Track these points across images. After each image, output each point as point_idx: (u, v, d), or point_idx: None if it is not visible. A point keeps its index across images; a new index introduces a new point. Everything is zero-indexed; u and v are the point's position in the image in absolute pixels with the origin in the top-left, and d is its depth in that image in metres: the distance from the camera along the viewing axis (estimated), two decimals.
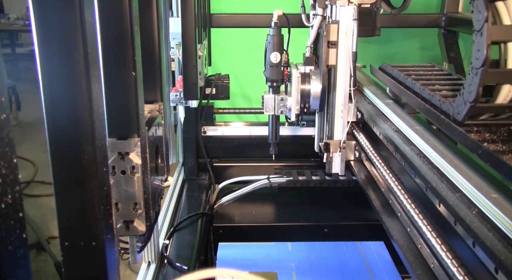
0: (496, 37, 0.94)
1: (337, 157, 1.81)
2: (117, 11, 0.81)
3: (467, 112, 1.01)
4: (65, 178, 0.65)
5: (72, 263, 0.68)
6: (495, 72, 0.96)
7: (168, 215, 1.83)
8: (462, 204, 0.93)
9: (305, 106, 1.77)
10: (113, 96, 0.83)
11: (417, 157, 1.17)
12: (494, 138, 1.02)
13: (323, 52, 1.67)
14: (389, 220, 1.36)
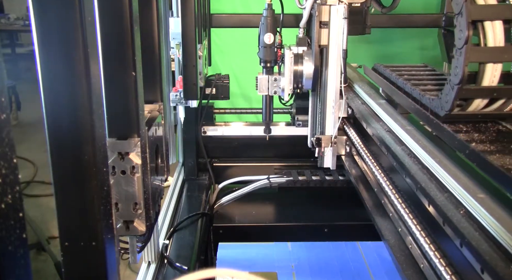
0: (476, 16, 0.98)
1: (328, 152, 1.83)
2: (117, 11, 0.81)
3: (455, 96, 1.02)
4: (65, 178, 0.65)
5: (72, 263, 0.68)
6: (477, 50, 0.99)
7: (168, 215, 1.83)
8: (450, 204, 0.93)
9: (298, 86, 1.80)
10: (113, 96, 0.83)
11: (407, 157, 1.17)
12: (483, 138, 1.02)
13: (315, 32, 1.70)
14: (381, 220, 1.37)
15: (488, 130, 1.07)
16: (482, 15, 0.99)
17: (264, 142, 2.09)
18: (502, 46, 1.00)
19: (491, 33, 1.00)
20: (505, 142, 0.99)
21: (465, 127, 1.08)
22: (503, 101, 1.06)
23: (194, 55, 1.90)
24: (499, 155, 0.91)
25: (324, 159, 1.86)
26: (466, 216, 0.88)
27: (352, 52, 3.15)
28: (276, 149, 2.19)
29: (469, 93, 1.04)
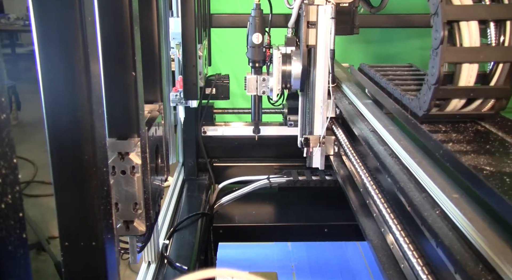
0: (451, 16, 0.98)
1: (317, 152, 1.83)
2: (117, 11, 0.81)
3: (432, 96, 1.03)
4: (65, 178, 0.65)
5: (72, 263, 0.68)
6: (453, 50, 1.00)
7: (168, 215, 1.83)
8: (427, 204, 0.94)
9: (286, 86, 1.80)
10: (113, 96, 0.83)
11: (389, 157, 1.17)
12: (460, 138, 1.03)
13: (303, 32, 1.70)
14: (365, 220, 1.37)
15: (466, 130, 1.07)
16: (458, 15, 1.00)
17: (265, 142, 2.09)
18: (478, 46, 1.01)
19: (466, 34, 1.00)
20: (482, 142, 0.99)
21: (444, 127, 1.09)
22: (480, 101, 1.07)
23: (194, 55, 1.90)
24: (474, 155, 0.91)
25: (313, 159, 1.87)
26: (441, 216, 0.88)
27: (352, 52, 3.17)
28: (278, 149, 2.19)
29: (445, 93, 1.04)
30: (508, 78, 1.03)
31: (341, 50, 3.17)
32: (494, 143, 0.98)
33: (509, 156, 0.90)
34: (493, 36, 1.01)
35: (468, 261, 0.75)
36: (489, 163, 0.87)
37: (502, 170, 0.84)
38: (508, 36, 1.00)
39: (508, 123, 1.08)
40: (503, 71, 1.03)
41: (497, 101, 1.06)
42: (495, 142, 0.99)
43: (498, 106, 1.07)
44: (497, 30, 1.01)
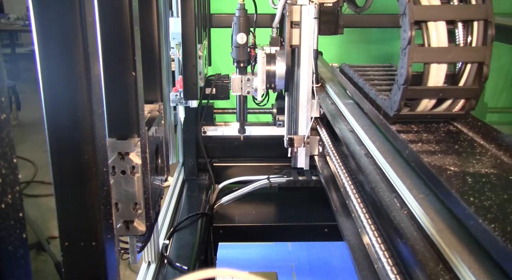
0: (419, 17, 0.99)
1: (301, 152, 1.83)
2: (117, 11, 0.81)
3: (401, 97, 1.03)
4: (65, 178, 0.65)
5: (72, 263, 0.68)
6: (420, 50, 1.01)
7: (168, 215, 1.83)
8: (396, 204, 0.94)
9: (271, 86, 1.80)
10: (113, 96, 0.83)
11: (364, 157, 1.17)
12: (431, 138, 1.03)
13: (287, 32, 1.70)
14: (344, 221, 1.37)
15: (438, 130, 1.07)
16: (425, 15, 1.00)
17: (265, 142, 2.09)
18: (446, 47, 1.01)
19: (434, 34, 1.01)
20: (451, 142, 1.00)
21: (417, 127, 1.09)
22: (451, 102, 1.07)
23: (194, 55, 1.90)
24: (441, 156, 0.92)
25: (298, 159, 1.87)
26: (408, 216, 0.89)
27: (352, 52, 3.17)
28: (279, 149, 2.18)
29: (414, 93, 1.04)
30: (477, 79, 1.03)
31: (341, 50, 3.17)
32: (463, 144, 0.99)
33: (476, 157, 0.91)
34: (461, 37, 1.02)
35: (429, 261, 0.76)
36: (454, 163, 0.87)
37: (466, 171, 0.84)
38: (476, 36, 1.01)
39: (478, 123, 1.08)
40: (471, 72, 1.03)
41: (467, 101, 1.07)
42: (464, 142, 1.00)
43: (468, 106, 1.07)
44: (465, 30, 1.02)
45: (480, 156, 0.91)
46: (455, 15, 1.01)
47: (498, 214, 0.68)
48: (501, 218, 0.67)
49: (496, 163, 0.88)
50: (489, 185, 0.78)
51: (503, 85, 2.96)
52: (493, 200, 0.73)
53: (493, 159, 0.90)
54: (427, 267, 0.74)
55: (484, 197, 0.74)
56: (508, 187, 0.78)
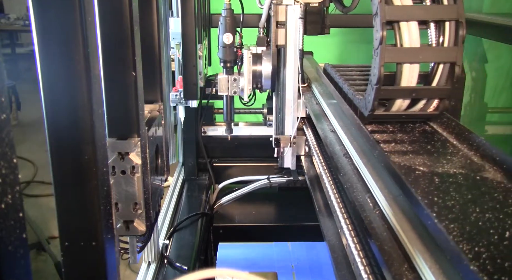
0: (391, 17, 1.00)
1: (288, 152, 1.83)
2: (117, 11, 0.81)
3: (375, 97, 1.03)
4: (65, 178, 0.65)
5: (72, 263, 0.68)
6: (392, 50, 1.01)
7: (168, 215, 1.83)
8: (369, 204, 0.94)
9: (257, 86, 1.80)
10: (113, 96, 0.83)
11: (343, 157, 1.17)
12: (405, 138, 1.03)
13: (272, 32, 1.69)
14: (326, 221, 1.37)
15: (413, 130, 1.07)
16: (397, 16, 1.00)
17: (265, 142, 2.08)
18: (418, 47, 1.01)
19: (406, 34, 1.01)
20: (424, 142, 1.00)
21: (392, 127, 1.09)
22: (425, 102, 1.07)
23: (194, 55, 1.90)
24: (412, 156, 0.92)
25: (284, 159, 1.86)
26: (380, 216, 0.89)
27: (352, 52, 3.17)
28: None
29: (387, 93, 1.04)
30: (449, 79, 1.03)
31: (342, 50, 3.17)
32: (437, 144, 0.99)
33: (446, 157, 0.91)
34: (433, 37, 1.02)
35: (395, 261, 0.76)
36: (424, 164, 0.88)
37: (435, 171, 0.84)
38: (448, 37, 1.01)
39: (453, 123, 1.08)
40: (444, 72, 1.03)
41: (440, 102, 1.07)
42: (437, 142, 1.00)
43: (442, 106, 1.07)
44: (437, 31, 1.02)
45: (451, 156, 0.92)
46: (426, 15, 1.01)
47: (459, 214, 0.69)
48: (461, 218, 0.67)
49: (466, 163, 0.88)
50: (455, 185, 0.79)
51: (503, 85, 2.96)
52: (457, 200, 0.73)
53: (463, 159, 0.90)
54: (392, 267, 0.74)
55: (448, 197, 0.74)
56: (474, 187, 0.78)
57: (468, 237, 0.62)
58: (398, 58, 1.02)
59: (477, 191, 0.77)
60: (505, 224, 0.66)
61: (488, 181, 0.81)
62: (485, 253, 0.59)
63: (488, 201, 0.73)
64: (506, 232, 0.64)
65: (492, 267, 0.56)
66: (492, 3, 2.65)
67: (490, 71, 2.74)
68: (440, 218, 0.67)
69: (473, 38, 2.52)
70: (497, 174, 0.83)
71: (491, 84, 2.88)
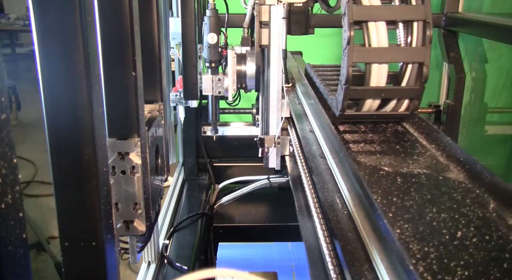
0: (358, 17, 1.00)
1: (272, 152, 1.83)
2: (117, 11, 0.81)
3: (344, 97, 1.04)
4: (65, 178, 0.65)
5: (72, 263, 0.68)
6: (360, 50, 1.01)
7: (168, 215, 1.83)
8: (338, 205, 0.94)
9: (241, 86, 1.80)
10: (113, 96, 0.83)
11: (318, 157, 1.17)
12: (375, 138, 1.03)
13: (256, 32, 1.69)
14: (305, 221, 1.37)
15: (385, 130, 1.07)
16: (365, 16, 1.00)
17: None
18: (386, 47, 1.01)
19: (374, 34, 1.01)
20: (394, 142, 1.00)
21: (365, 127, 1.09)
22: (395, 102, 1.07)
23: (194, 55, 1.90)
24: (379, 156, 0.92)
25: (269, 159, 1.86)
26: (347, 217, 0.89)
27: None
28: None
29: (357, 93, 1.04)
30: (418, 79, 1.03)
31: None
32: (406, 144, 0.99)
33: (413, 157, 0.91)
34: (402, 37, 1.02)
35: (355, 262, 0.76)
36: (390, 164, 0.87)
37: (399, 171, 0.84)
38: (416, 37, 1.01)
39: (423, 124, 1.09)
40: (413, 72, 1.03)
41: (410, 102, 1.07)
42: (407, 142, 1.00)
43: (412, 107, 1.07)
44: (405, 31, 1.02)
45: (418, 156, 0.92)
46: (394, 15, 1.01)
47: (416, 214, 0.69)
48: (417, 218, 0.67)
49: (431, 164, 0.88)
50: (417, 186, 0.79)
51: (503, 85, 2.96)
52: (416, 201, 0.73)
53: (430, 159, 0.90)
54: (353, 267, 0.74)
55: (408, 197, 0.74)
56: (435, 187, 0.78)
57: (420, 237, 0.62)
58: (366, 58, 1.02)
59: (437, 191, 0.77)
60: (458, 224, 0.66)
61: (450, 181, 0.81)
62: (433, 253, 0.59)
63: (446, 201, 0.73)
64: (458, 232, 0.64)
65: (438, 267, 0.56)
66: (492, 3, 2.65)
67: (490, 71, 2.74)
68: (396, 218, 0.67)
69: (473, 38, 2.51)
70: (460, 175, 0.83)
71: (491, 84, 2.87)
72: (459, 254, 0.59)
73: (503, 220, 0.68)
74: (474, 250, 0.60)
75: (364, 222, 0.78)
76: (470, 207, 0.71)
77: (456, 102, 2.28)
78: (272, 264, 1.73)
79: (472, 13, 2.34)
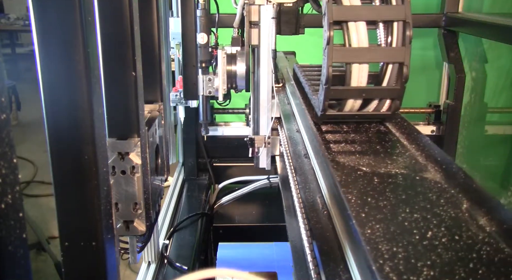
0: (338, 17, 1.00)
1: (263, 152, 1.83)
2: (117, 11, 0.81)
3: (325, 97, 1.04)
4: (65, 178, 0.65)
5: (72, 263, 0.68)
6: (340, 50, 1.00)
7: (168, 215, 1.83)
8: (318, 205, 0.94)
9: (232, 86, 1.81)
10: (113, 96, 0.83)
11: (303, 157, 1.17)
12: (357, 138, 1.02)
13: (246, 32, 1.69)
14: (291, 222, 1.37)
15: (367, 130, 1.07)
16: (345, 16, 1.00)
17: None
18: (365, 47, 1.01)
19: (354, 34, 1.01)
20: (375, 142, 0.99)
21: (347, 127, 1.08)
22: (377, 102, 1.08)
23: (194, 55, 1.90)
24: (359, 156, 0.91)
25: (260, 159, 1.86)
26: (327, 217, 0.88)
27: None
28: None
29: (337, 93, 1.04)
30: (399, 79, 1.03)
31: None
32: (387, 144, 0.99)
33: (393, 157, 0.91)
34: (382, 37, 1.02)
35: (331, 262, 0.76)
36: (368, 164, 0.87)
37: (377, 171, 0.84)
38: (396, 37, 1.01)
39: (405, 124, 1.09)
40: (393, 72, 1.03)
41: (392, 102, 1.07)
42: (388, 142, 1.00)
43: (394, 107, 1.07)
44: (385, 31, 1.02)
45: (397, 156, 0.91)
46: (374, 15, 1.01)
47: (388, 214, 0.68)
48: (389, 219, 0.67)
49: (410, 164, 0.88)
50: (393, 186, 0.78)
51: (503, 85, 2.96)
52: (390, 201, 0.73)
53: (409, 159, 0.90)
54: (328, 267, 0.74)
55: (382, 198, 0.73)
56: (410, 187, 0.78)
57: (390, 237, 0.62)
58: (346, 58, 1.02)
59: (412, 192, 0.76)
60: (430, 224, 0.65)
61: (427, 181, 0.80)
62: (401, 254, 0.58)
63: (420, 201, 0.73)
64: (429, 232, 0.63)
65: (404, 268, 0.56)
66: (492, 3, 2.65)
67: (490, 71, 2.74)
68: (368, 219, 0.67)
69: (473, 38, 2.51)
70: (437, 175, 0.83)
71: (491, 84, 2.87)
72: (427, 254, 0.58)
73: (474, 220, 0.67)
74: (443, 250, 0.59)
75: (341, 223, 0.78)
76: (443, 207, 0.71)
77: (456, 102, 2.28)
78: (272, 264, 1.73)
79: (472, 13, 2.34)
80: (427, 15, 2.39)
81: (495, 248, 0.60)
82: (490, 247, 0.60)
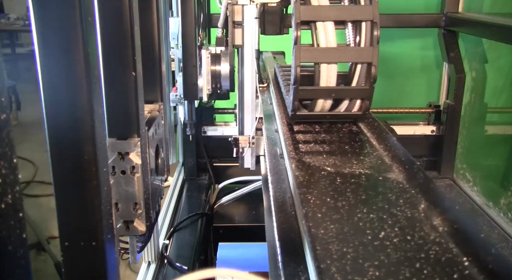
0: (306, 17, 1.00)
1: (247, 152, 1.83)
2: (117, 11, 0.81)
3: (294, 97, 1.04)
4: (65, 178, 0.65)
5: (72, 263, 0.68)
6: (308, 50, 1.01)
7: (168, 215, 1.83)
8: (288, 204, 0.93)
9: (216, 86, 1.80)
10: (113, 96, 0.83)
11: (278, 157, 1.18)
12: (327, 138, 1.03)
13: (230, 32, 1.69)
14: (269, 222, 1.36)
15: (339, 130, 1.07)
16: (313, 16, 1.00)
17: None
18: (334, 47, 1.01)
19: (322, 34, 1.01)
20: (344, 142, 1.00)
21: (319, 127, 1.09)
22: (348, 102, 1.08)
23: (194, 55, 1.90)
24: (326, 156, 0.91)
25: (244, 159, 1.86)
26: (293, 217, 0.88)
27: None
28: None
29: (306, 93, 1.04)
30: (367, 79, 1.03)
31: None
32: (356, 144, 0.99)
33: (360, 157, 0.91)
34: (351, 37, 1.02)
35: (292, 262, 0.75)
36: (334, 164, 0.87)
37: (341, 171, 0.84)
38: (364, 37, 1.01)
39: (375, 124, 1.09)
40: (362, 72, 1.04)
41: (362, 102, 1.07)
42: (358, 143, 1.00)
43: (364, 107, 1.07)
44: (354, 31, 1.02)
45: (364, 156, 0.92)
46: (342, 15, 1.01)
47: (345, 215, 0.68)
48: (345, 219, 0.67)
49: (375, 164, 0.88)
50: (354, 186, 0.78)
51: (503, 85, 2.96)
52: (349, 201, 0.73)
53: (375, 159, 0.90)
54: (288, 267, 0.74)
55: (342, 198, 0.73)
56: (372, 187, 0.78)
57: (342, 237, 0.62)
58: (314, 58, 1.02)
59: (373, 192, 0.76)
60: (384, 225, 0.66)
61: (389, 181, 0.81)
62: (350, 254, 0.59)
63: (379, 201, 0.73)
64: (382, 233, 0.64)
65: (351, 268, 0.56)
66: (492, 3, 2.64)
67: (490, 71, 2.74)
68: (324, 219, 0.67)
69: (473, 38, 2.51)
70: (400, 175, 0.83)
71: (491, 84, 2.87)
72: (376, 255, 0.58)
73: (429, 220, 0.68)
74: (392, 250, 0.59)
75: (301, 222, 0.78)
76: (401, 207, 0.71)
77: (456, 102, 2.28)
78: None
79: (472, 13, 2.34)
80: (427, 15, 2.39)
81: (444, 248, 0.60)
82: (440, 247, 0.60)
